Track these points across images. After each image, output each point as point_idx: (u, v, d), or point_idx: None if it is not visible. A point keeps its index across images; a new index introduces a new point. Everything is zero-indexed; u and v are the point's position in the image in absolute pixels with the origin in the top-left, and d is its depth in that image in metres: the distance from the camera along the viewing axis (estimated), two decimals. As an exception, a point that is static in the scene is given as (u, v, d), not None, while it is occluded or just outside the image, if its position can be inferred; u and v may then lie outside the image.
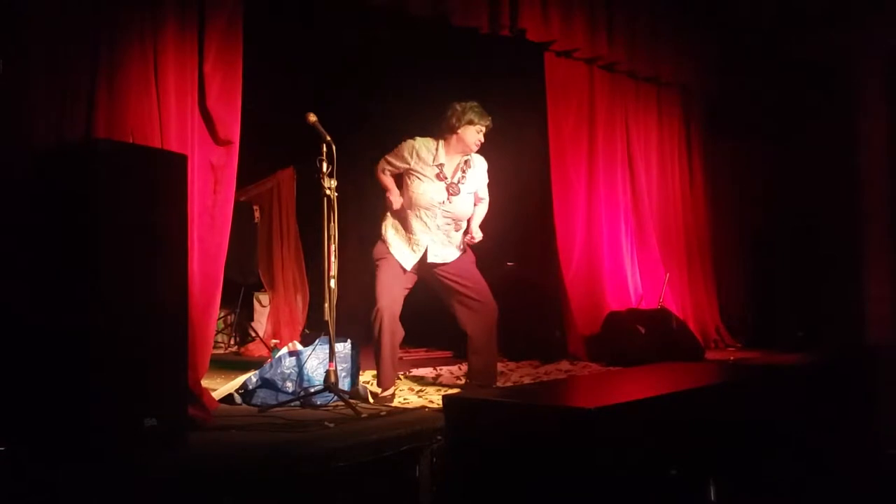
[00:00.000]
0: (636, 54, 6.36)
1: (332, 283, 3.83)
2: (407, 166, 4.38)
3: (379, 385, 4.34)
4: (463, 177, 4.43)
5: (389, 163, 4.43)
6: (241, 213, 6.23)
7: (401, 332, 4.38)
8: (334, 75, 7.22)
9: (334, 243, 3.85)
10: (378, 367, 4.33)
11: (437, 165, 4.38)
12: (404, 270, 4.36)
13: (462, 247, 4.51)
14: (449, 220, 4.41)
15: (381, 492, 3.17)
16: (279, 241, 7.14)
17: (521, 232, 6.67)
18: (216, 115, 3.82)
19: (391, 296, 4.30)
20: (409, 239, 4.38)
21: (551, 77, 5.91)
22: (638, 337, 5.61)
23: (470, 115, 4.36)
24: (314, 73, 7.01)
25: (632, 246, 6.40)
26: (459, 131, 4.37)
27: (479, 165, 4.53)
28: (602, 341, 5.84)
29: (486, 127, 4.40)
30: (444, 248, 4.42)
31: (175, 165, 3.18)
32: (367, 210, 4.86)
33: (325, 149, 3.84)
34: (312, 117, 3.89)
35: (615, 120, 6.36)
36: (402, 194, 4.41)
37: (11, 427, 2.89)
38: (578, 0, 5.86)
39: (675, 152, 6.98)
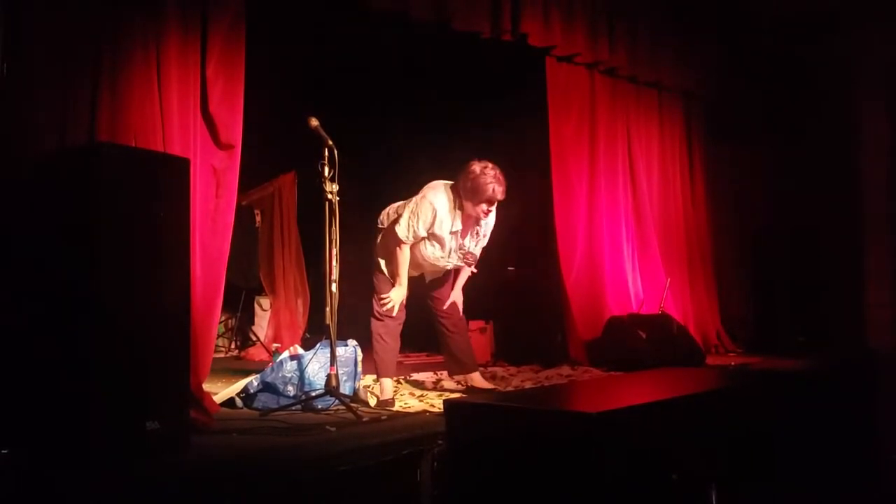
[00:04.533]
0: (637, 59, 6.37)
1: (334, 287, 3.83)
2: (424, 236, 4.30)
3: (381, 375, 4.42)
4: (475, 238, 4.44)
5: (416, 234, 4.25)
6: (243, 217, 6.24)
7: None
8: (335, 79, 7.23)
9: (335, 247, 3.85)
10: (382, 362, 4.42)
11: (452, 233, 4.33)
12: None
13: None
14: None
15: (382, 496, 3.17)
16: (280, 245, 7.15)
17: (522, 236, 6.67)
18: (218, 119, 3.83)
19: (400, 310, 4.42)
20: (410, 274, 4.41)
21: (552, 82, 5.92)
22: (639, 342, 5.61)
23: (480, 191, 4.16)
24: (316, 77, 7.03)
25: (633, 251, 6.41)
26: (468, 203, 4.25)
27: (491, 216, 4.42)
28: (603, 346, 5.84)
29: (498, 201, 4.25)
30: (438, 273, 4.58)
31: (177, 169, 3.18)
32: (369, 214, 4.86)
33: (326, 153, 3.85)
34: (314, 121, 3.89)
35: (616, 125, 6.37)
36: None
37: (13, 430, 2.89)
38: (580, 5, 5.88)
39: (676, 157, 6.99)
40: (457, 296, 4.60)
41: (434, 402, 4.23)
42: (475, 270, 4.56)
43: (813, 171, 7.22)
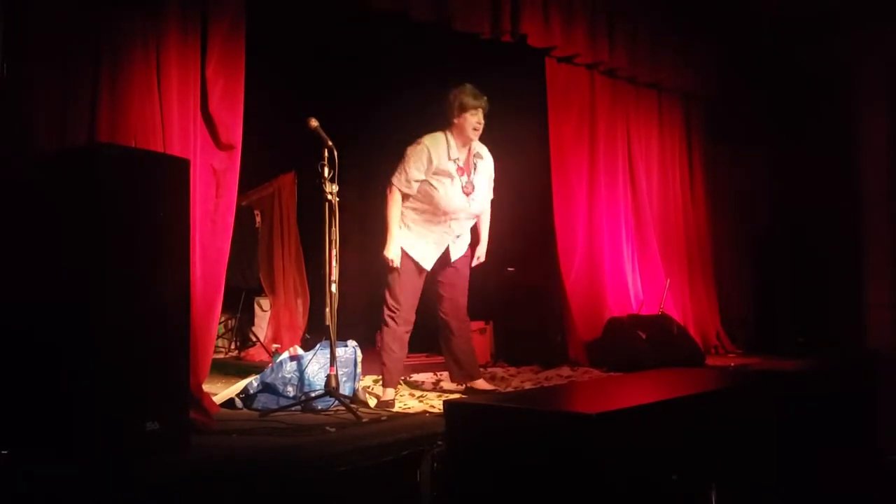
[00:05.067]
0: (637, 60, 6.37)
1: (334, 287, 3.84)
2: (423, 177, 4.29)
3: (385, 385, 4.38)
4: (475, 170, 4.43)
5: (410, 181, 4.26)
6: (243, 217, 6.24)
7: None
8: (336, 80, 7.23)
9: (335, 248, 3.85)
10: (388, 372, 4.36)
11: (453, 160, 4.34)
12: (420, 271, 4.38)
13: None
14: (471, 219, 4.49)
15: (382, 496, 3.17)
16: (280, 245, 7.14)
17: (521, 237, 6.67)
18: (218, 120, 3.82)
19: (410, 300, 4.36)
20: (432, 238, 4.38)
21: (552, 82, 5.92)
22: (639, 342, 5.61)
23: (462, 100, 4.31)
24: (316, 78, 7.03)
25: (632, 251, 6.41)
26: (457, 121, 4.35)
27: (487, 156, 4.53)
28: (603, 347, 5.84)
29: (482, 108, 4.35)
30: (462, 242, 4.52)
31: (177, 170, 3.18)
32: (368, 215, 4.87)
33: (326, 154, 3.85)
34: (314, 122, 3.90)
35: (616, 125, 6.36)
36: (422, 202, 4.34)
37: (13, 430, 2.89)
38: (580, 6, 5.87)
39: (676, 158, 6.99)
40: (482, 249, 4.61)
41: (434, 403, 4.23)
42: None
43: (813, 171, 7.22)
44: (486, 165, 4.51)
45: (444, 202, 4.32)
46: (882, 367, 6.02)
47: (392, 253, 4.27)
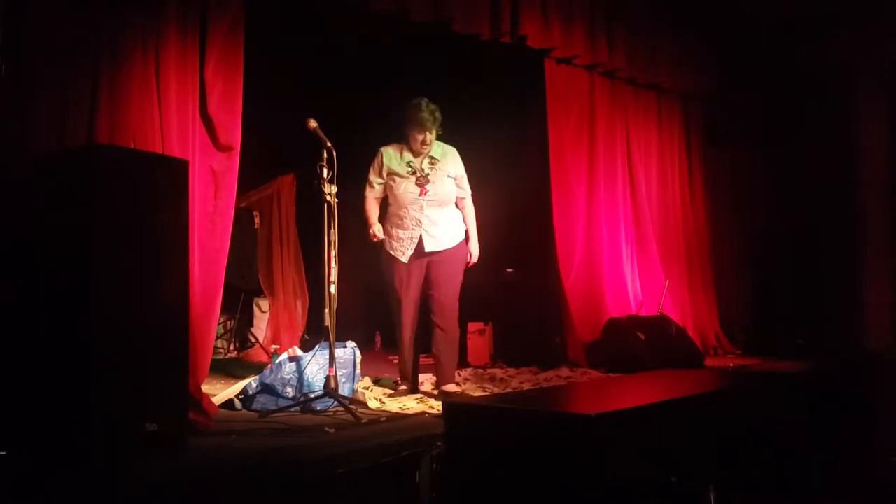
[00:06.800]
0: (636, 61, 6.38)
1: (332, 288, 3.84)
2: (383, 179, 4.60)
3: (400, 379, 4.67)
4: (433, 167, 4.58)
5: (372, 183, 4.63)
6: (242, 218, 6.23)
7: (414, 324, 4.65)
8: (335, 81, 7.23)
9: (334, 249, 3.85)
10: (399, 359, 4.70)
11: (406, 163, 4.58)
12: (405, 265, 4.56)
13: (458, 240, 4.66)
14: (433, 206, 4.56)
15: (381, 498, 3.17)
16: (279, 246, 7.13)
17: (520, 238, 6.67)
18: (217, 121, 3.82)
19: (406, 290, 4.56)
20: (404, 235, 4.56)
21: (551, 83, 5.93)
22: (637, 343, 5.61)
23: (409, 121, 4.52)
24: (315, 79, 7.03)
25: (632, 252, 6.41)
26: (408, 135, 4.55)
27: (446, 157, 4.64)
28: (602, 348, 5.84)
29: (427, 131, 4.49)
30: (436, 232, 4.57)
31: (176, 171, 3.18)
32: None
33: (325, 154, 3.85)
34: (313, 123, 3.91)
35: (615, 126, 6.37)
36: (391, 203, 4.62)
37: (12, 432, 2.89)
38: (579, 7, 5.88)
39: (675, 159, 6.99)
40: (473, 246, 4.72)
41: (433, 404, 4.23)
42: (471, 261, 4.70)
43: (813, 172, 7.22)
44: (444, 165, 4.61)
45: (401, 196, 4.55)
46: (882, 368, 6.02)
47: (374, 229, 4.55)
